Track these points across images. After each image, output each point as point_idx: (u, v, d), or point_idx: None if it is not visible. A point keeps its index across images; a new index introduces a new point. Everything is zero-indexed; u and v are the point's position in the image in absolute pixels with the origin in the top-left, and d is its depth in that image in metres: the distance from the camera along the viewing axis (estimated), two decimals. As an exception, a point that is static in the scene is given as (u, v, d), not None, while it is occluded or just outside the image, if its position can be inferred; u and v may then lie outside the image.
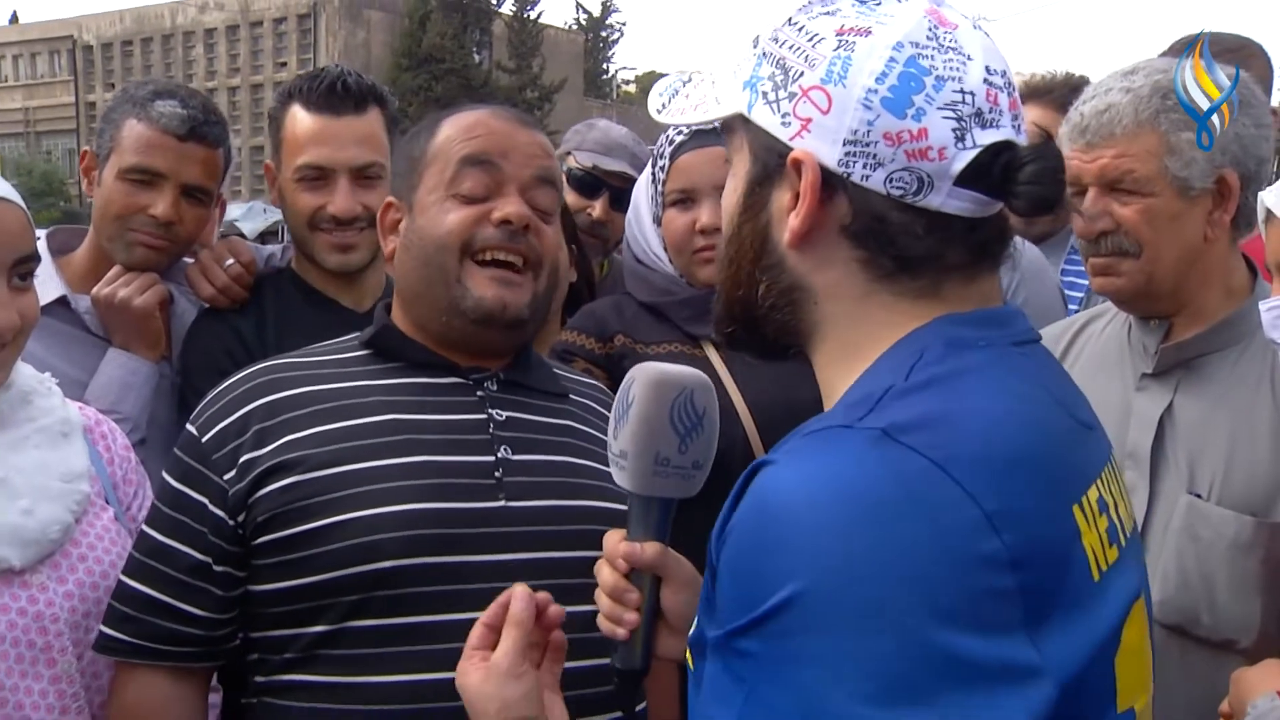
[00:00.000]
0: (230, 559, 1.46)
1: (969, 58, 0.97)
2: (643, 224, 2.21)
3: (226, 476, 1.46)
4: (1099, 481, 1.01)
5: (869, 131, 0.95)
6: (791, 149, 0.98)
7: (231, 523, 1.45)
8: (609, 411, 1.73)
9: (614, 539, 1.26)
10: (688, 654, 1.03)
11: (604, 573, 1.25)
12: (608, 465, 1.64)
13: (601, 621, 1.25)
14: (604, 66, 63.85)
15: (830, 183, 0.97)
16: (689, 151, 2.09)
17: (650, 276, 2.20)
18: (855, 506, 0.85)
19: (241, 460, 1.46)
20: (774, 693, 0.85)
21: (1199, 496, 1.69)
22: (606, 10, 60.58)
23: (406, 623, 1.40)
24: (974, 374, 0.95)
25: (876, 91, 0.95)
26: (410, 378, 1.55)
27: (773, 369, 1.37)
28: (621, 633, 1.23)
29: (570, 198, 2.75)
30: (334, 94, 2.16)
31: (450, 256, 1.51)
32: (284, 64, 49.43)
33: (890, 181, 0.96)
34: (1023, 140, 0.99)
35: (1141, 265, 1.74)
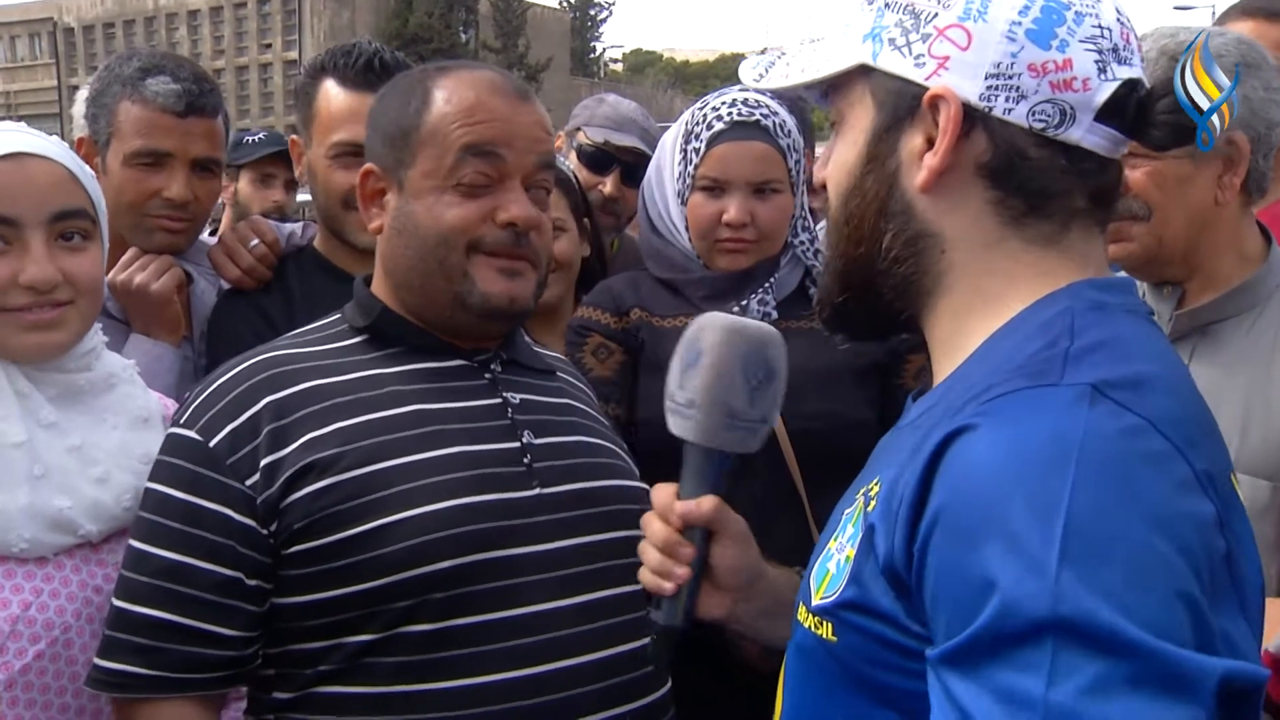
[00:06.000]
0: (263, 571, 1.37)
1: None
2: (666, 194, 2.19)
3: (250, 482, 1.37)
4: None
5: (1013, 64, 0.97)
6: (927, 88, 0.99)
7: (264, 532, 1.36)
8: (581, 383, 1.73)
9: (665, 493, 1.22)
10: (804, 615, 1.02)
11: (654, 526, 1.22)
12: (612, 442, 1.63)
13: (646, 576, 1.22)
14: (592, 45, 63.53)
15: (968, 118, 0.98)
16: (727, 142, 2.07)
17: (666, 250, 2.20)
18: (1089, 461, 0.81)
19: (263, 464, 1.37)
20: (1071, 654, 0.77)
21: None
22: (594, -12, 60.34)
23: (465, 624, 1.34)
24: (1135, 339, 0.96)
25: (1020, 24, 0.97)
26: (414, 363, 1.49)
27: (795, 339, 1.35)
28: (669, 587, 1.20)
29: (581, 174, 2.75)
30: (370, 71, 2.13)
31: (454, 253, 1.45)
32: (269, 45, 49.07)
33: (1033, 114, 0.98)
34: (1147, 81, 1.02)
35: (1151, 229, 1.74)
